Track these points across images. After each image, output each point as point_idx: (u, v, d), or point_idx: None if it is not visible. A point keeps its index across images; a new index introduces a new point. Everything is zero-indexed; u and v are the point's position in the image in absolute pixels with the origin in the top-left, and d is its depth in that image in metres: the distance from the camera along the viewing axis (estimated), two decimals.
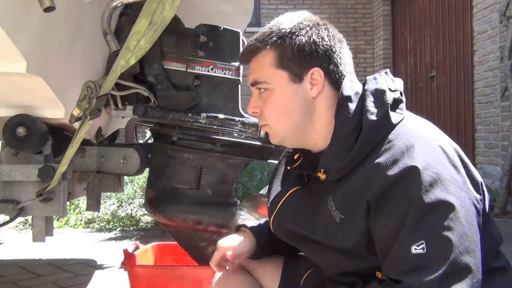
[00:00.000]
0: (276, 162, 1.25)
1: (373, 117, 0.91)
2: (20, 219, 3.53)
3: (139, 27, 1.35)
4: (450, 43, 5.62)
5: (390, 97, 0.94)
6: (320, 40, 0.98)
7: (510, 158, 4.08)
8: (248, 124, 1.73)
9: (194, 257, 1.85)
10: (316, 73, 0.97)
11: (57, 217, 3.74)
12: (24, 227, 4.05)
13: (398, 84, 0.99)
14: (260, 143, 1.73)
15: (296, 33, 0.98)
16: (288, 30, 0.98)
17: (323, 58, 0.98)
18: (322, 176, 0.97)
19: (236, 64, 1.75)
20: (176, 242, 1.90)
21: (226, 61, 1.74)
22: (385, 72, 1.01)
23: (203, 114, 1.71)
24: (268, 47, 0.99)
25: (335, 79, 0.99)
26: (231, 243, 1.17)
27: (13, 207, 1.74)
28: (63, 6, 1.35)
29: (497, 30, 4.43)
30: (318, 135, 1.00)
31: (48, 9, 1.18)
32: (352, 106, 0.95)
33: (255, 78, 1.01)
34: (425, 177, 0.83)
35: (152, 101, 1.74)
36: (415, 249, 0.80)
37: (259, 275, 1.20)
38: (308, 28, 0.98)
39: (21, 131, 1.66)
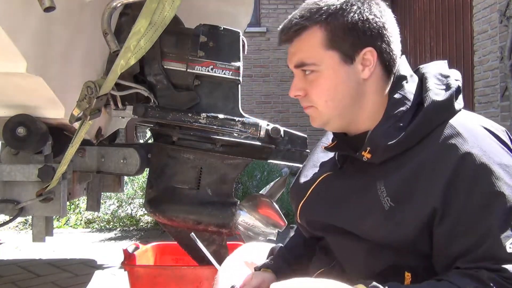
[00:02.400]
0: (276, 162, 1.23)
1: (438, 98, 0.86)
2: (20, 219, 3.53)
3: (139, 27, 1.35)
4: (450, 43, 5.62)
5: (455, 83, 0.89)
6: (373, 17, 0.90)
7: None
8: (248, 124, 1.73)
9: (194, 257, 1.85)
10: (369, 54, 0.89)
11: (57, 217, 3.74)
12: (24, 227, 4.05)
13: (457, 75, 0.94)
14: (260, 143, 1.73)
15: (348, 9, 0.89)
16: (338, 6, 0.89)
17: (376, 37, 0.90)
18: (366, 155, 0.89)
19: (236, 64, 1.75)
20: (176, 242, 1.90)
21: (226, 61, 1.74)
22: (444, 62, 0.98)
23: (203, 114, 1.71)
24: (316, 25, 0.89)
25: (387, 59, 0.92)
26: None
27: (13, 207, 1.75)
28: (63, 6, 1.35)
29: (497, 30, 4.43)
30: (365, 119, 0.93)
31: (48, 9, 1.19)
32: (408, 86, 0.90)
33: (302, 59, 0.91)
34: (501, 172, 0.78)
35: (152, 101, 1.74)
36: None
37: None
38: (359, 4, 0.90)
39: (21, 131, 1.67)
